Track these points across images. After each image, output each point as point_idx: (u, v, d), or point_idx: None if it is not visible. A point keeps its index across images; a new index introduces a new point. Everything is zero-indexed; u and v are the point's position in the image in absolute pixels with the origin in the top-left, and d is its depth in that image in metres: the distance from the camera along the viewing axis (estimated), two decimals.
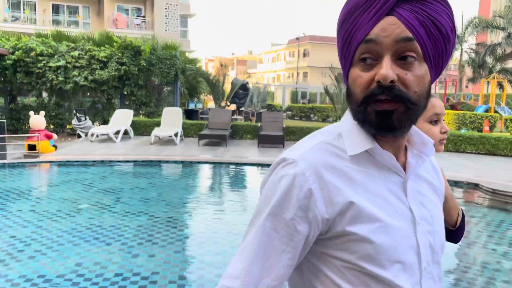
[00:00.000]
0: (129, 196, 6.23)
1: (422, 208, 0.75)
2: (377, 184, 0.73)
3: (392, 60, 0.67)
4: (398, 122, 0.68)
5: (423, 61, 0.68)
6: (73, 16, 24.89)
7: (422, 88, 0.68)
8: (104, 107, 13.19)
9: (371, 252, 0.69)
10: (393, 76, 0.65)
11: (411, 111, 0.68)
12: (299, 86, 35.22)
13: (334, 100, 12.89)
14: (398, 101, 0.67)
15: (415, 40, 0.66)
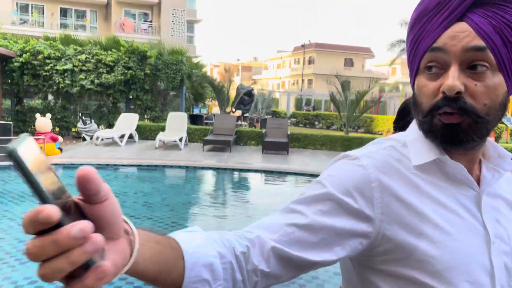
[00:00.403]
0: (133, 201, 6.23)
1: (497, 226, 0.68)
2: (446, 195, 0.67)
3: (460, 69, 0.62)
4: (465, 135, 0.64)
5: (497, 71, 0.62)
6: (80, 20, 25.12)
7: (494, 100, 0.63)
8: (110, 110, 13.25)
9: (439, 269, 0.63)
10: (459, 87, 0.61)
11: (479, 125, 0.63)
12: (304, 93, 35.27)
13: (339, 108, 12.88)
14: (463, 113, 0.62)
15: (488, 49, 0.61)
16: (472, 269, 0.64)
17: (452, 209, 0.67)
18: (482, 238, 0.66)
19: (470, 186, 0.68)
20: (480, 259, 0.65)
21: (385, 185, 0.66)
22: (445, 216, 0.66)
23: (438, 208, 0.66)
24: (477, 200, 0.68)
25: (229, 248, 0.61)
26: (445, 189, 0.68)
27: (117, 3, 24.68)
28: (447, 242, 0.64)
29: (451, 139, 0.65)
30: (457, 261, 0.63)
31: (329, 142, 11.94)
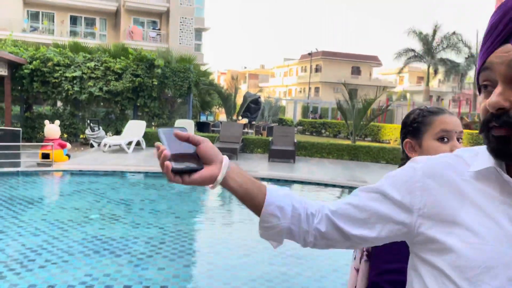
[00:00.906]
0: (140, 208, 6.24)
1: None
2: (493, 204, 0.70)
3: (506, 86, 0.66)
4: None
5: None
6: (90, 28, 25.43)
7: None
8: (118, 117, 13.34)
9: (462, 264, 0.68)
10: (500, 104, 0.65)
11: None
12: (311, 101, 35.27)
13: (346, 116, 12.85)
14: (510, 127, 0.66)
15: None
16: (497, 275, 0.65)
17: (493, 217, 0.69)
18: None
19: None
20: (509, 269, 0.65)
21: (427, 187, 0.75)
22: (482, 222, 0.69)
23: (478, 213, 0.70)
24: None
25: (303, 206, 0.84)
26: (494, 198, 0.70)
27: (126, 11, 24.98)
28: (476, 244, 0.68)
29: (502, 152, 0.68)
30: (484, 263, 0.66)
31: (335, 151, 11.90)
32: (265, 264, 4.35)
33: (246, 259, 4.46)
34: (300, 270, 4.22)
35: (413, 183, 0.76)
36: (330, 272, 4.32)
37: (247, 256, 4.53)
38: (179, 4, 25.34)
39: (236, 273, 4.05)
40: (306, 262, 4.45)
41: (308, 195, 8.21)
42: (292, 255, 4.64)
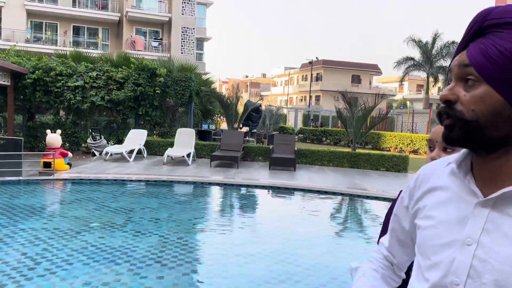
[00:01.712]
0: (140, 216, 6.25)
1: (484, 235, 0.76)
2: (451, 196, 0.84)
3: (457, 83, 0.79)
4: (457, 136, 0.78)
5: (483, 83, 0.74)
6: (93, 38, 25.65)
7: (482, 107, 0.74)
8: (119, 126, 13.41)
9: (419, 243, 0.88)
10: (446, 97, 0.79)
11: (471, 127, 0.76)
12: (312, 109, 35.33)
13: (346, 124, 12.88)
14: (453, 118, 0.78)
15: (472, 65, 0.75)
16: (436, 253, 0.82)
17: (447, 206, 0.84)
18: (460, 237, 0.79)
19: (474, 194, 0.80)
20: (447, 249, 0.80)
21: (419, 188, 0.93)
22: (437, 211, 0.85)
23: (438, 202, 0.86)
24: (474, 207, 0.79)
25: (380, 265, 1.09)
26: (454, 191, 0.84)
27: (129, 21, 25.21)
28: (429, 227, 0.85)
29: (447, 139, 0.80)
30: (430, 242, 0.84)
31: (336, 159, 11.91)
32: (264, 272, 4.35)
33: (246, 267, 4.46)
34: (300, 278, 4.22)
35: (412, 188, 0.95)
36: (329, 280, 4.31)
37: (247, 265, 4.53)
38: (181, 14, 25.57)
39: (235, 282, 4.05)
40: (306, 270, 4.44)
41: (309, 203, 8.21)
42: (291, 262, 4.63)
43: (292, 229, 6.17)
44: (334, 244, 5.81)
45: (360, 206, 8.20)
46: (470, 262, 0.76)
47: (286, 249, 5.11)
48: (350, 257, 5.04)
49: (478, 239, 0.76)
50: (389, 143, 19.30)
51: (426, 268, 0.84)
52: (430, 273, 0.82)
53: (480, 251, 0.76)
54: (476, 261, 0.76)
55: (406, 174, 11.25)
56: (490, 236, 0.76)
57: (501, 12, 0.74)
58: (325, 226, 6.66)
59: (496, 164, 0.78)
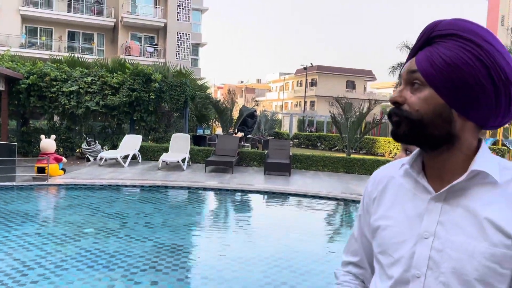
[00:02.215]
0: (135, 221, 6.23)
1: (439, 227, 0.83)
2: (406, 195, 0.91)
3: (405, 86, 0.87)
4: (403, 132, 0.86)
5: (427, 86, 0.82)
6: (88, 43, 25.62)
7: (425, 108, 0.82)
8: (114, 131, 13.37)
9: (380, 243, 0.92)
10: (395, 99, 0.86)
11: (415, 125, 0.84)
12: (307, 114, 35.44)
13: (341, 130, 12.94)
14: (400, 117, 0.86)
15: (418, 71, 0.83)
16: (398, 249, 0.87)
17: (403, 205, 0.90)
18: (418, 232, 0.85)
19: (426, 190, 0.87)
20: (406, 245, 0.86)
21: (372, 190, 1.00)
22: (395, 208, 0.91)
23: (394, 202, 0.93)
24: (428, 203, 0.86)
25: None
26: (408, 190, 0.91)
27: (124, 27, 25.23)
28: (388, 227, 0.91)
29: (394, 134, 0.88)
30: (390, 240, 0.89)
31: (331, 164, 11.95)
32: (259, 277, 4.35)
33: (241, 272, 4.46)
34: (295, 283, 4.22)
35: (367, 192, 1.02)
36: (324, 285, 4.32)
37: (242, 270, 4.53)
38: (176, 20, 25.63)
39: (230, 287, 4.04)
40: (301, 275, 4.44)
41: (304, 208, 8.22)
42: (286, 268, 4.63)
43: (287, 234, 6.17)
44: (329, 249, 5.82)
45: (354, 211, 8.22)
46: (429, 254, 0.82)
47: (281, 254, 5.11)
48: None
49: (434, 232, 0.83)
50: (383, 148, 19.38)
51: (388, 266, 0.88)
52: (393, 270, 0.87)
53: (436, 242, 0.82)
54: (434, 252, 0.82)
55: None
56: (444, 227, 0.82)
57: (447, 24, 0.82)
58: (320, 231, 6.67)
59: (441, 160, 0.86)
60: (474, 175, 0.82)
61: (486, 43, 0.79)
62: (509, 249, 0.77)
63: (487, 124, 0.83)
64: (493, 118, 0.82)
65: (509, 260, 0.77)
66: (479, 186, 0.82)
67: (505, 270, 0.77)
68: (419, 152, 0.92)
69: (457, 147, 0.84)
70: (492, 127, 0.85)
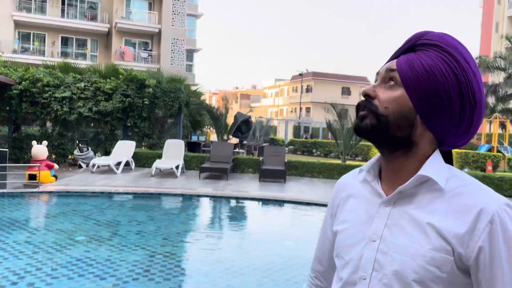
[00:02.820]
0: (127, 229, 6.14)
1: (386, 230, 0.86)
2: (362, 200, 0.93)
3: (380, 83, 0.89)
4: (365, 126, 0.86)
5: (401, 87, 0.85)
6: (81, 49, 25.53)
7: (394, 107, 0.85)
8: (107, 138, 13.26)
9: (336, 246, 0.95)
10: (366, 92, 0.88)
11: (381, 122, 0.85)
12: (302, 121, 35.48)
13: (336, 136, 12.93)
14: (368, 111, 0.86)
15: (396, 70, 0.86)
16: (348, 252, 0.90)
17: (358, 209, 0.93)
18: (367, 235, 0.88)
19: (379, 195, 0.90)
20: (356, 247, 0.89)
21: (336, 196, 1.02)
22: (352, 212, 0.94)
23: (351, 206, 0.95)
24: (378, 206, 0.89)
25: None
26: (364, 196, 0.93)
27: (118, 32, 25.18)
28: (343, 230, 0.94)
29: (357, 128, 0.88)
30: (344, 243, 0.92)
31: (326, 170, 11.92)
32: (254, 286, 4.28)
33: (235, 281, 4.38)
34: None
35: (333, 198, 1.04)
36: None
37: (236, 279, 4.45)
38: (171, 25, 25.63)
39: None
40: (295, 284, 4.38)
41: (299, 215, 8.16)
42: (281, 276, 4.57)
43: (282, 242, 6.10)
44: None
45: None
46: (375, 256, 0.85)
47: (275, 262, 5.04)
48: None
49: (381, 235, 0.85)
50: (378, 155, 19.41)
51: (341, 268, 0.91)
52: (343, 272, 0.90)
53: (382, 245, 0.85)
54: (379, 254, 0.84)
55: None
56: (390, 231, 0.85)
57: (433, 36, 0.87)
58: (315, 239, 6.60)
59: (396, 164, 0.88)
60: (422, 181, 0.84)
61: (464, 60, 0.84)
62: (448, 254, 0.80)
63: (445, 138, 0.87)
64: (452, 134, 0.86)
65: (447, 264, 0.80)
66: (426, 192, 0.85)
67: (443, 273, 0.80)
68: (377, 159, 0.95)
69: (413, 153, 0.87)
70: (449, 145, 0.89)
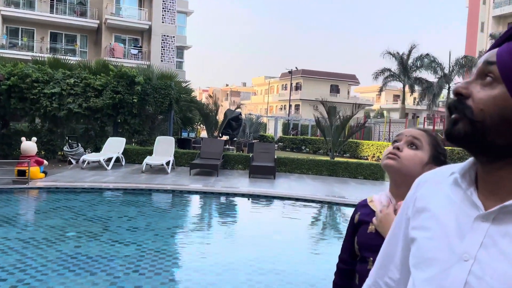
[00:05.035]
0: (118, 225, 6.17)
1: (482, 250, 0.71)
2: (451, 207, 0.79)
3: (476, 78, 0.73)
4: (458, 132, 0.72)
5: (501, 84, 0.69)
6: (70, 45, 25.27)
7: (491, 109, 0.69)
8: (97, 134, 13.20)
9: (414, 254, 0.82)
10: (459, 89, 0.73)
11: (476, 128, 0.70)
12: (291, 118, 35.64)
13: (325, 133, 13.06)
14: (460, 113, 0.72)
15: (496, 63, 0.70)
16: (431, 266, 0.77)
17: (445, 218, 0.78)
18: (458, 252, 0.73)
19: (475, 207, 0.75)
20: (442, 264, 0.75)
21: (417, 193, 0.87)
22: (438, 219, 0.79)
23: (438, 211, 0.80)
24: (473, 221, 0.74)
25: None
26: (454, 202, 0.78)
27: (108, 28, 24.97)
28: (425, 239, 0.80)
29: (448, 134, 0.74)
30: (425, 254, 0.78)
31: (315, 167, 12.04)
32: (244, 280, 4.36)
33: (225, 275, 4.46)
34: (278, 286, 4.25)
35: (412, 195, 0.88)
36: (308, 287, 4.36)
37: (226, 272, 4.53)
38: (161, 22, 25.51)
39: None
40: (285, 278, 4.48)
41: (288, 211, 8.27)
42: (271, 270, 4.66)
43: (271, 237, 6.19)
44: (313, 251, 5.86)
45: (338, 213, 8.30)
46: (466, 278, 0.71)
47: (265, 257, 5.13)
48: (328, 265, 5.10)
49: (475, 255, 0.71)
50: (366, 151, 19.63)
51: (420, 282, 0.78)
52: (423, 286, 0.77)
53: (476, 267, 0.71)
54: (471, 277, 0.71)
55: (383, 182, 11.46)
56: (488, 252, 0.70)
57: None
58: (304, 234, 6.72)
59: (499, 175, 0.73)
60: None
61: None
62: None
63: None
64: None
65: None
66: None
67: None
68: (473, 162, 0.79)
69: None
70: None
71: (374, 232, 1.32)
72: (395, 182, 1.33)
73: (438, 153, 1.32)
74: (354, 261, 1.42)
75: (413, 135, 1.32)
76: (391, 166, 1.29)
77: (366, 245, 1.33)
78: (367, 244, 1.32)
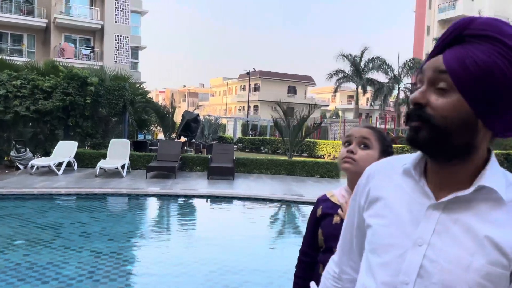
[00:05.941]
0: (70, 231, 5.94)
1: (435, 236, 0.78)
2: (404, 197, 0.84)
3: (429, 87, 0.77)
4: (423, 138, 0.77)
5: (455, 91, 0.73)
6: (17, 45, 23.97)
7: (454, 115, 0.74)
8: (47, 138, 12.61)
9: (371, 240, 0.87)
10: (418, 99, 0.77)
11: (438, 133, 0.75)
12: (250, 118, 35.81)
13: (283, 133, 13.25)
14: (422, 121, 0.76)
15: (447, 72, 0.74)
16: (387, 251, 0.83)
17: (399, 206, 0.84)
18: (412, 238, 0.80)
19: (427, 196, 0.81)
20: (398, 249, 0.81)
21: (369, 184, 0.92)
22: (389, 210, 0.85)
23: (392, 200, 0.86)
24: (426, 209, 0.80)
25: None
26: (406, 192, 0.84)
27: (57, 28, 23.93)
28: (380, 226, 0.85)
29: (411, 140, 0.79)
30: (381, 241, 0.84)
31: (273, 167, 12.18)
32: (202, 281, 4.34)
33: (183, 277, 4.42)
34: (238, 285, 4.27)
35: (364, 185, 0.93)
36: (266, 284, 4.41)
37: (184, 275, 4.49)
38: (114, 22, 24.78)
39: None
40: (244, 277, 4.51)
41: (247, 211, 8.31)
42: (230, 270, 4.67)
43: (230, 237, 6.21)
44: (271, 249, 5.94)
45: (296, 211, 8.46)
46: (421, 262, 0.77)
47: (224, 257, 5.14)
48: (286, 261, 5.19)
49: (429, 240, 0.77)
50: (323, 150, 20.10)
51: (377, 266, 0.84)
52: (381, 272, 0.83)
53: (430, 251, 0.77)
54: (426, 261, 0.77)
55: (338, 179, 11.79)
56: (440, 237, 0.77)
57: (483, 24, 0.74)
58: (263, 232, 6.79)
59: (451, 170, 0.80)
60: (479, 189, 0.77)
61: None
62: (505, 269, 0.74)
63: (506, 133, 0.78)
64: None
65: (503, 280, 0.74)
66: (482, 201, 0.77)
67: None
68: (422, 155, 0.84)
69: (472, 158, 0.78)
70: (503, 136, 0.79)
71: (339, 223, 1.40)
72: (352, 180, 1.43)
73: (386, 146, 1.44)
74: (315, 253, 1.50)
75: (362, 135, 1.41)
76: (349, 170, 1.40)
77: (332, 236, 1.40)
78: (333, 234, 1.39)
